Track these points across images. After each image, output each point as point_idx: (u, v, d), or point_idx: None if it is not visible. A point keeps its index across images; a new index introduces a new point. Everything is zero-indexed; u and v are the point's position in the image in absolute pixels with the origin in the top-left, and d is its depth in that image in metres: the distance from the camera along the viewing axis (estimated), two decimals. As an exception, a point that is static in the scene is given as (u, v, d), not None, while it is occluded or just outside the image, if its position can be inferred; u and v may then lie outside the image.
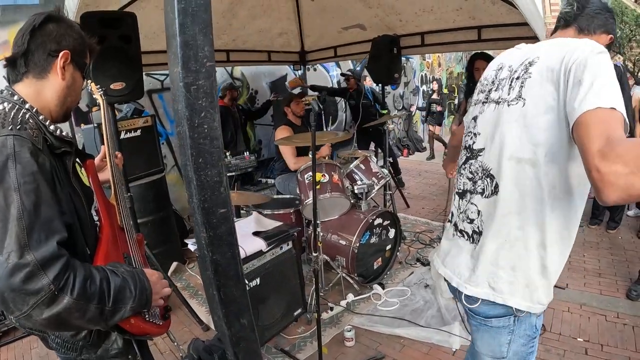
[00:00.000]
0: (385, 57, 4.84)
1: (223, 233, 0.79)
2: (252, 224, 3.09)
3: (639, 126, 4.96)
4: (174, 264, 4.21)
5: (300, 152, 4.19)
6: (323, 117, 5.85)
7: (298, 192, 3.67)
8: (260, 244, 2.79)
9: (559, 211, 1.20)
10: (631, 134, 4.79)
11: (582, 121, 0.98)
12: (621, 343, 3.02)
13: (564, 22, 1.37)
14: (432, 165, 8.94)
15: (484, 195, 1.32)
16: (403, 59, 9.90)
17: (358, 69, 8.86)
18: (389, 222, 3.81)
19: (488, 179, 1.31)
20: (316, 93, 7.34)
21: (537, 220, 1.21)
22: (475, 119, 1.42)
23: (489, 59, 4.07)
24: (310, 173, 3.41)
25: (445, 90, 12.78)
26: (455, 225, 1.48)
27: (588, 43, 1.12)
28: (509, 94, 1.27)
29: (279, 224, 3.17)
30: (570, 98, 1.05)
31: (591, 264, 4.22)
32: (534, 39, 3.50)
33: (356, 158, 4.19)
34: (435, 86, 9.01)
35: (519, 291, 1.26)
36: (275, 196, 4.09)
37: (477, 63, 4.09)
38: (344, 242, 3.51)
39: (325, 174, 3.56)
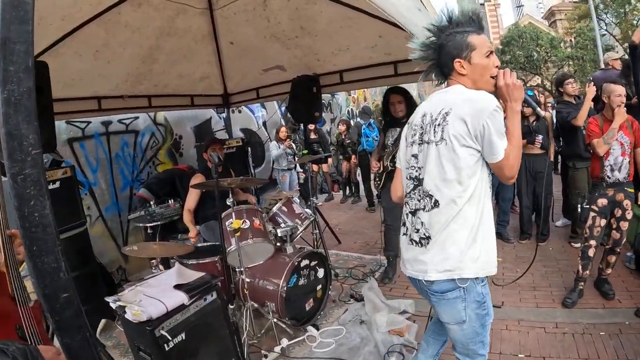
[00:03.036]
0: (305, 96, 4.92)
1: (69, 317, 0.78)
2: (174, 276, 2.95)
3: (553, 143, 5.30)
4: (103, 321, 3.93)
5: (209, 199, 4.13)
6: (250, 159, 5.84)
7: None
8: (181, 298, 2.66)
9: (478, 203, 1.77)
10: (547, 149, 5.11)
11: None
12: (563, 352, 3.09)
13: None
14: (364, 199, 8.98)
15: (425, 210, 1.83)
16: (329, 95, 10.11)
17: (282, 109, 8.93)
18: (316, 262, 3.80)
19: (427, 198, 1.82)
20: (240, 136, 7.31)
21: (465, 214, 1.75)
22: (415, 156, 1.91)
23: (402, 92, 4.21)
24: (231, 220, 3.37)
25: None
26: (410, 236, 1.93)
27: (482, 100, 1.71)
28: (434, 137, 1.78)
29: (201, 274, 3.06)
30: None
31: (525, 278, 4.19)
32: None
33: (279, 200, 4.18)
34: (311, 126, 8.95)
35: (461, 265, 1.76)
36: (200, 244, 3.97)
37: (391, 97, 4.20)
38: (271, 287, 3.47)
39: (246, 220, 3.52)
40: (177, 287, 2.77)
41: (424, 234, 1.83)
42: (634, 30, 26.20)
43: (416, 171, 1.90)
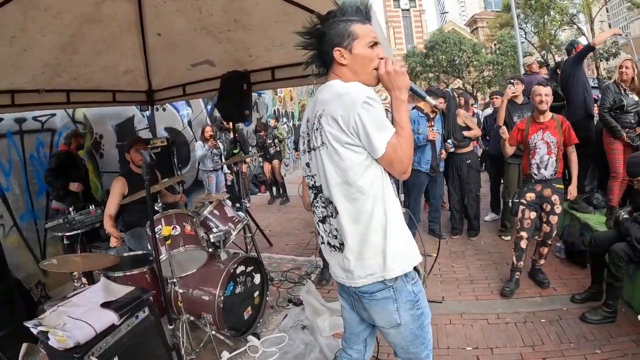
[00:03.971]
0: (235, 93, 4.71)
1: None
2: (100, 293, 2.65)
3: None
4: (24, 345, 3.45)
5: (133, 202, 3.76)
6: (175, 160, 5.55)
7: (150, 247, 3.32)
8: (111, 317, 2.40)
9: (379, 201, 1.66)
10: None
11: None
12: (509, 342, 3.18)
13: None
14: (291, 199, 9.04)
15: (333, 217, 1.74)
16: (255, 94, 10.01)
17: (209, 107, 8.63)
18: (252, 267, 3.64)
19: (330, 205, 1.73)
20: (165, 135, 6.96)
21: (370, 215, 1.65)
22: (308, 164, 1.82)
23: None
24: (160, 226, 3.10)
25: (298, 123, 13.28)
26: (328, 243, 1.84)
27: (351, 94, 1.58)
28: (317, 142, 1.69)
29: (130, 289, 2.78)
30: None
31: (461, 272, 4.47)
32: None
33: (210, 203, 3.95)
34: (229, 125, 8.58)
35: (383, 267, 1.67)
36: (125, 254, 3.65)
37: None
38: (207, 297, 3.24)
39: (177, 226, 3.27)
40: (105, 305, 2.51)
41: (339, 240, 1.75)
42: (553, 38, 28.82)
43: (312, 180, 1.82)
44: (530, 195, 3.91)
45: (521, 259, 3.93)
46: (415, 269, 1.76)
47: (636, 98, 4.38)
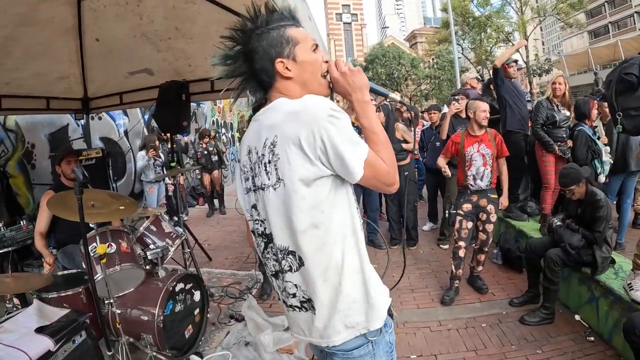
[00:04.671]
0: (173, 104, 4.60)
1: None
2: (34, 317, 2.48)
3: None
4: None
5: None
6: (111, 172, 5.31)
7: (84, 266, 3.14)
8: (46, 344, 2.25)
9: (350, 242, 1.38)
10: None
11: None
12: (452, 347, 3.27)
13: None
14: (229, 211, 8.93)
15: (292, 271, 1.40)
16: (193, 105, 9.87)
17: (146, 117, 8.39)
18: (191, 284, 3.52)
19: (290, 257, 1.38)
20: (100, 146, 6.69)
21: (342, 258, 1.35)
22: (255, 207, 1.46)
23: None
24: (95, 244, 2.94)
25: (237, 134, 13.51)
26: (284, 302, 1.51)
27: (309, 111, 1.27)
28: (269, 179, 1.35)
29: (66, 311, 2.62)
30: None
31: (402, 282, 4.50)
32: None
33: (146, 218, 3.81)
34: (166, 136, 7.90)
35: (366, 317, 1.40)
36: (59, 273, 3.40)
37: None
38: (146, 317, 3.09)
39: (112, 244, 3.12)
40: (40, 330, 2.36)
41: (303, 297, 1.42)
42: (488, 55, 30.61)
43: (261, 225, 1.46)
44: (467, 206, 4.08)
45: (460, 267, 4.08)
46: (389, 313, 1.50)
47: (567, 113, 4.69)
